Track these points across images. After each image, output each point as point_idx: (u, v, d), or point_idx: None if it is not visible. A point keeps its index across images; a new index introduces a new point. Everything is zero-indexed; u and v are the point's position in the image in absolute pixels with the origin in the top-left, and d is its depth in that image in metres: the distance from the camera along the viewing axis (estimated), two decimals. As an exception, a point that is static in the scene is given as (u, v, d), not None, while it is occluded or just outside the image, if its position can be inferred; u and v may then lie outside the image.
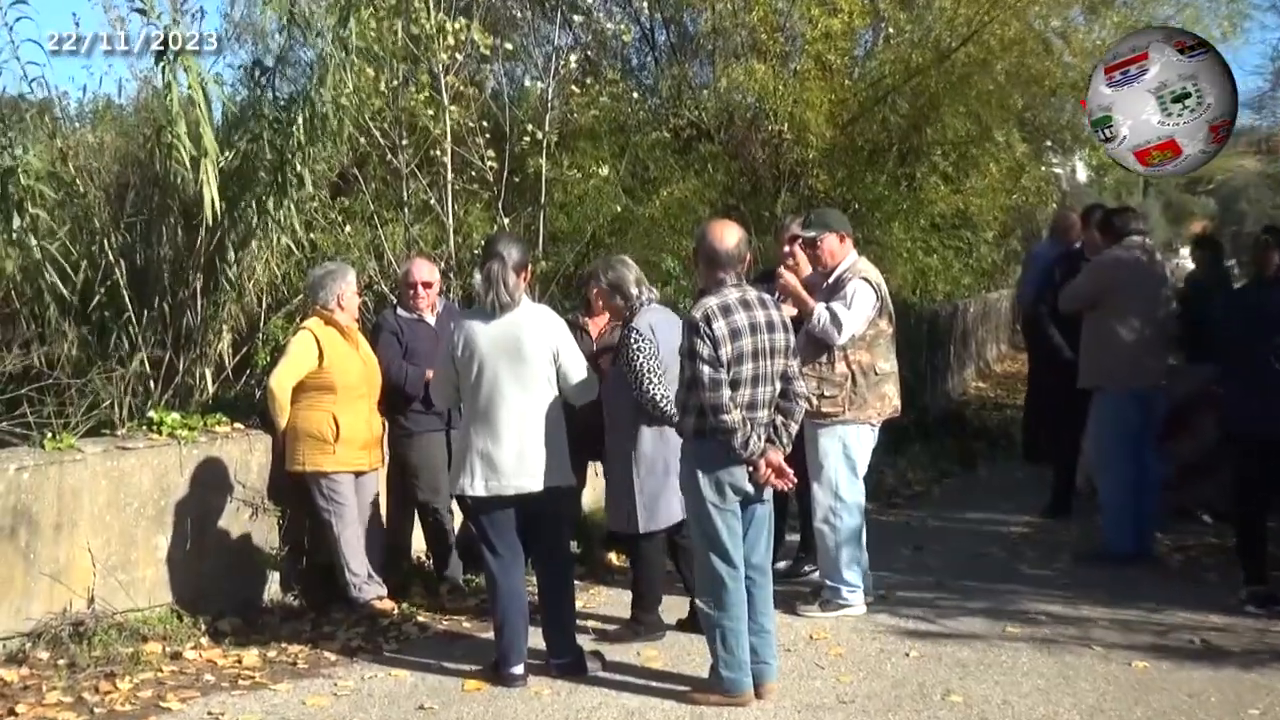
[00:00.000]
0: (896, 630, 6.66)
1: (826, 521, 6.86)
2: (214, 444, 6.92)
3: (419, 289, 7.40)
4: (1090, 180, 25.50)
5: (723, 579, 5.48)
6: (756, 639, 5.58)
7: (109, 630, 6.23)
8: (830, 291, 6.81)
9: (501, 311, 5.72)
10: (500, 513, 5.81)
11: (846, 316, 6.69)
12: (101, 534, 6.39)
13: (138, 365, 7.76)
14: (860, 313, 6.74)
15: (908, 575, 7.74)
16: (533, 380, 5.75)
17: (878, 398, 6.85)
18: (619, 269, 6.53)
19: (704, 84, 14.80)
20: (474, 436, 5.77)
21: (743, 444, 5.35)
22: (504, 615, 5.82)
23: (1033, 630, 6.63)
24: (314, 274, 7.32)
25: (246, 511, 7.01)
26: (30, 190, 7.64)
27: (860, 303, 6.74)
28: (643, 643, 6.40)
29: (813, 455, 6.85)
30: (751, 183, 14.05)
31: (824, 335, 6.71)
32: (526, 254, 6.01)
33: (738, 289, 5.47)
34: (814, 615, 6.84)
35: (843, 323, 6.68)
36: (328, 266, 7.38)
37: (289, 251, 8.69)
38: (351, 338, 7.08)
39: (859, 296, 6.73)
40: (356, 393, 6.99)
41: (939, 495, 10.59)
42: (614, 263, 6.64)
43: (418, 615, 6.96)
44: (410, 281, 7.45)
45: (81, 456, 6.34)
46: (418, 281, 7.41)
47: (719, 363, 5.31)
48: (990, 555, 8.37)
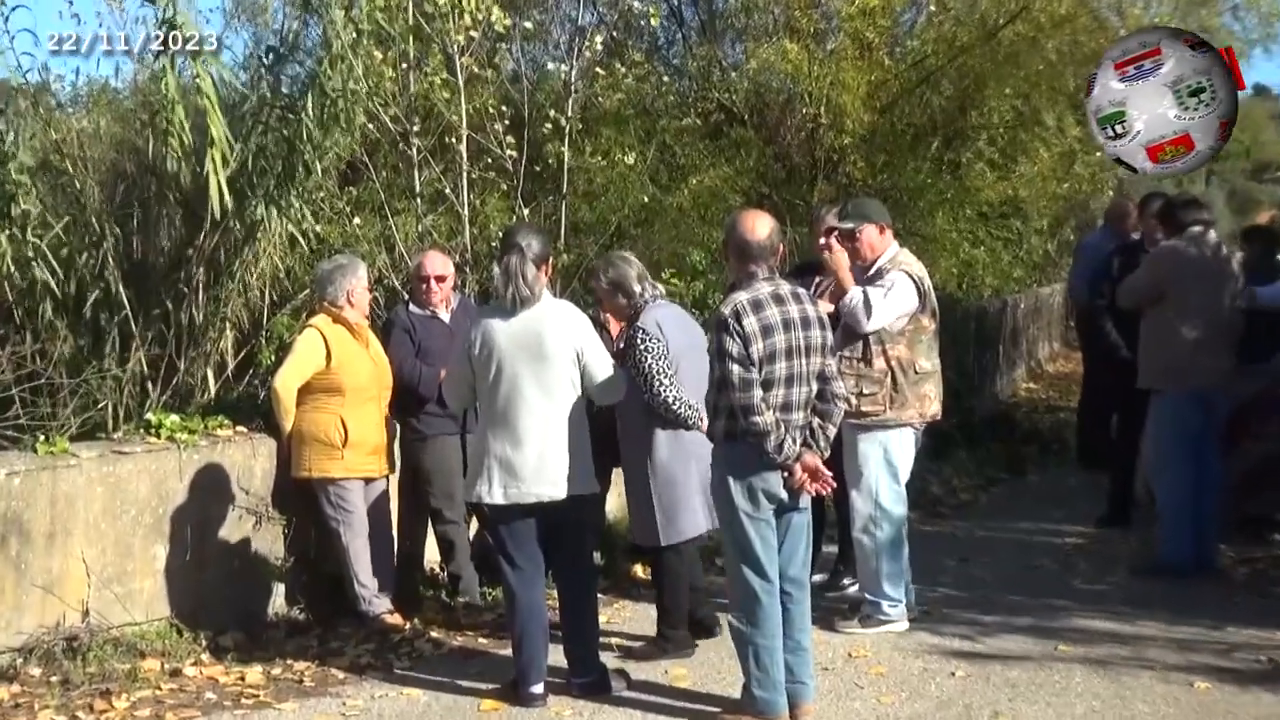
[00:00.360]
0: (941, 648, 6.63)
1: (866, 531, 6.84)
2: (215, 448, 6.94)
3: (432, 283, 7.40)
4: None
5: (756, 593, 5.46)
6: (792, 657, 5.55)
7: (104, 645, 6.24)
8: (867, 285, 6.79)
9: (521, 307, 5.70)
10: (519, 522, 5.80)
11: (879, 304, 6.66)
12: (96, 543, 6.41)
13: (135, 365, 7.79)
14: (896, 304, 6.71)
15: (953, 589, 7.72)
16: (555, 381, 5.73)
17: (919, 398, 6.82)
18: (619, 266, 6.53)
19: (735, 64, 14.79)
20: (492, 441, 5.76)
21: (776, 447, 5.32)
22: (523, 631, 5.81)
23: (1087, 649, 6.58)
24: (322, 268, 7.33)
25: (250, 520, 7.02)
26: (21, 184, 7.67)
27: (898, 294, 6.71)
28: (670, 660, 6.39)
29: (851, 460, 6.83)
30: (785, 170, 14.05)
31: (851, 319, 6.69)
32: (548, 246, 5.99)
33: (770, 283, 5.44)
34: (853, 632, 6.82)
35: (873, 309, 6.65)
36: (337, 260, 7.38)
37: (294, 244, 8.70)
38: (361, 336, 7.08)
39: (897, 288, 6.71)
40: (366, 394, 7.00)
41: (986, 504, 10.55)
42: (614, 259, 6.65)
43: (431, 630, 6.96)
44: (423, 275, 7.45)
45: (76, 461, 6.36)
46: (430, 275, 7.41)
47: (749, 361, 5.28)
48: (1041, 568, 8.33)
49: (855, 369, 6.70)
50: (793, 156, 14.06)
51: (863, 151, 13.65)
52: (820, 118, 13.36)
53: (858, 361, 6.74)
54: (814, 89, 13.12)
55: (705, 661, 6.40)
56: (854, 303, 6.69)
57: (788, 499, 5.47)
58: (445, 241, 10.20)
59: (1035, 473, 11.71)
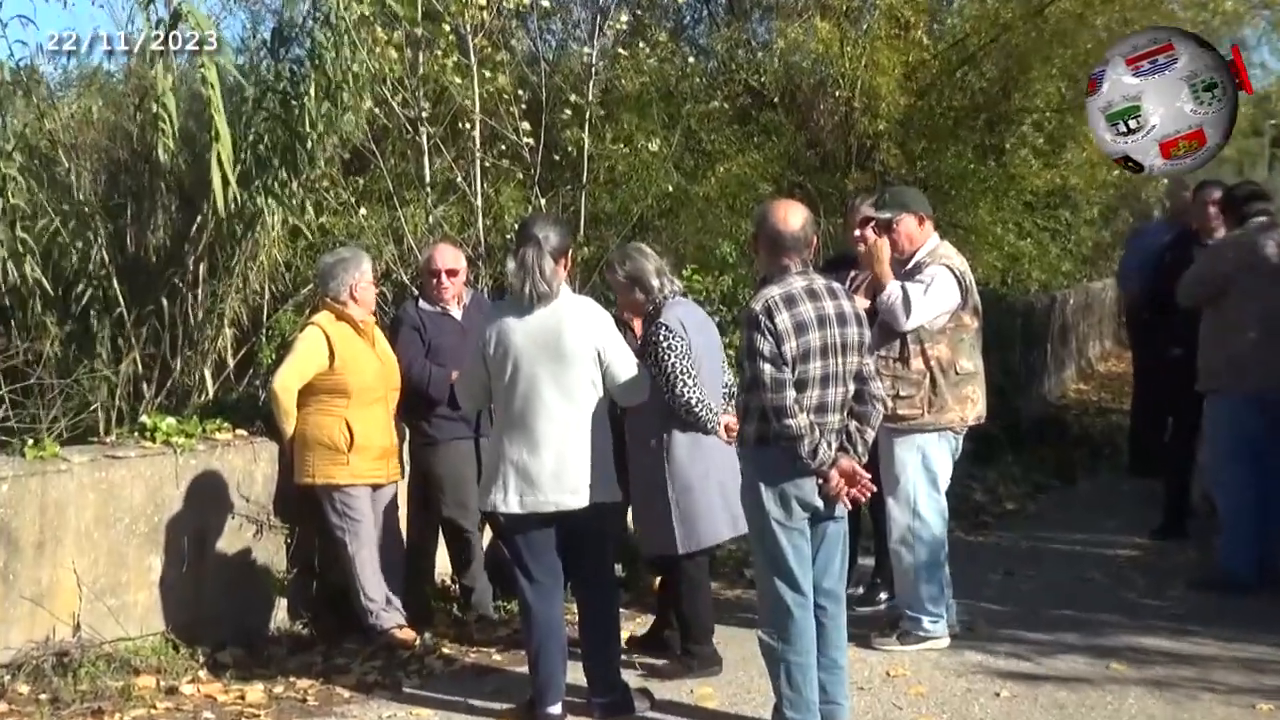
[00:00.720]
0: (985, 667, 6.60)
1: (904, 542, 6.82)
2: (214, 453, 6.95)
3: (443, 278, 7.39)
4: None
5: (788, 607, 5.43)
6: (826, 675, 5.52)
7: (96, 661, 6.25)
8: (906, 280, 6.76)
9: (538, 304, 5.67)
10: (537, 532, 5.77)
11: (919, 301, 6.63)
12: (88, 553, 6.42)
13: (129, 364, 7.81)
14: (936, 301, 6.68)
15: (997, 604, 7.69)
16: (575, 382, 5.69)
17: (959, 400, 6.80)
18: (636, 259, 6.53)
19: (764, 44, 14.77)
20: (507, 446, 5.73)
21: (810, 452, 5.29)
22: (540, 647, 5.79)
23: (1141, 669, 6.55)
24: (324, 261, 7.32)
25: (250, 529, 7.04)
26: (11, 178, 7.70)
27: (939, 290, 6.68)
28: (696, 679, 6.38)
29: (887, 466, 6.79)
30: (818, 157, 14.01)
31: (889, 316, 6.66)
32: (567, 238, 5.94)
33: (803, 277, 5.42)
34: (891, 649, 6.80)
35: (912, 306, 6.62)
36: (339, 253, 7.38)
37: (297, 236, 8.72)
38: (367, 334, 7.09)
39: (938, 284, 6.68)
40: (372, 396, 7.00)
41: (1033, 513, 10.51)
42: (630, 251, 6.65)
43: (442, 646, 6.96)
44: (433, 269, 7.44)
45: (66, 467, 6.38)
46: (441, 269, 7.40)
47: (782, 360, 5.26)
48: (1093, 582, 8.30)
49: (892, 369, 6.67)
50: (826, 142, 14.03)
51: (899, 137, 13.62)
52: (853, 101, 13.33)
53: (895, 362, 6.71)
54: (846, 71, 13.08)
55: (733, 680, 6.39)
56: (892, 299, 6.66)
57: (823, 507, 5.44)
58: (457, 233, 10.21)
59: (1086, 480, 11.66)
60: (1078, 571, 8.52)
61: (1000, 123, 14.85)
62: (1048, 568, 8.63)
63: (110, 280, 7.98)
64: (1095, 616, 7.45)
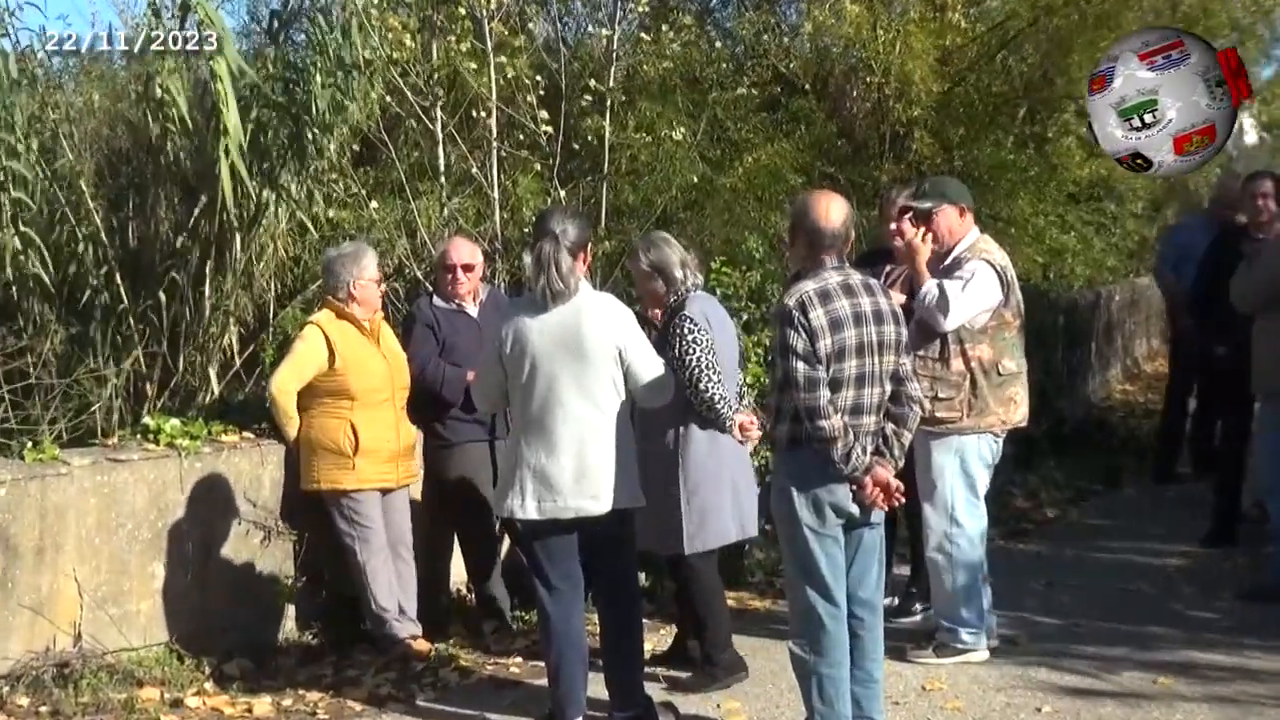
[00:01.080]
0: (1025, 681, 6.62)
1: (941, 550, 6.83)
2: (219, 456, 7.00)
3: (458, 273, 7.41)
4: (1260, 142, 25.18)
5: (820, 618, 5.42)
6: (861, 689, 5.52)
7: (98, 672, 6.30)
8: (945, 275, 6.77)
9: (555, 301, 5.65)
10: (556, 539, 5.77)
11: (957, 299, 6.63)
12: (90, 560, 6.48)
13: (131, 363, 7.84)
14: (976, 298, 6.68)
15: (1039, 615, 7.70)
16: (595, 382, 5.67)
17: (1001, 402, 6.81)
18: (662, 248, 6.55)
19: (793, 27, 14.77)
20: (525, 449, 5.72)
21: (843, 456, 5.28)
22: (559, 659, 5.81)
23: (1190, 683, 6.55)
24: (327, 255, 7.33)
25: (257, 535, 7.08)
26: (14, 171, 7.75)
27: (979, 287, 6.68)
28: (722, 690, 6.41)
29: (924, 471, 6.82)
30: (850, 146, 14.00)
31: (927, 317, 6.66)
32: (586, 231, 5.92)
33: (839, 272, 5.40)
34: (927, 661, 6.82)
35: (950, 304, 6.62)
36: (341, 248, 7.36)
37: (305, 230, 8.75)
38: (372, 332, 7.11)
39: (978, 280, 6.68)
40: (378, 396, 7.02)
41: (1077, 520, 10.50)
42: (656, 240, 6.66)
43: (458, 658, 7.00)
44: (448, 264, 7.46)
45: (67, 470, 6.43)
46: (457, 264, 7.42)
47: (816, 358, 5.24)
48: (1139, 592, 8.30)
49: (931, 370, 6.67)
50: (858, 131, 14.01)
51: (934, 125, 13.60)
52: (886, 87, 13.32)
53: (934, 362, 6.71)
54: (879, 56, 13.07)
55: (762, 694, 6.42)
56: (929, 299, 6.66)
57: (858, 513, 5.43)
58: (473, 226, 10.23)
59: (1131, 485, 11.64)
60: (1123, 581, 8.52)
61: (1041, 110, 14.82)
62: (1092, 577, 8.63)
63: (112, 276, 8.02)
64: (1142, 628, 7.46)
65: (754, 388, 9.31)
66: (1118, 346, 17.99)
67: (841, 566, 5.46)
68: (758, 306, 9.70)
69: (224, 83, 7.70)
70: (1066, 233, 15.24)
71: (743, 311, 9.58)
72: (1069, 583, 8.47)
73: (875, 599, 5.62)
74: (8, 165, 7.74)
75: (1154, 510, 10.56)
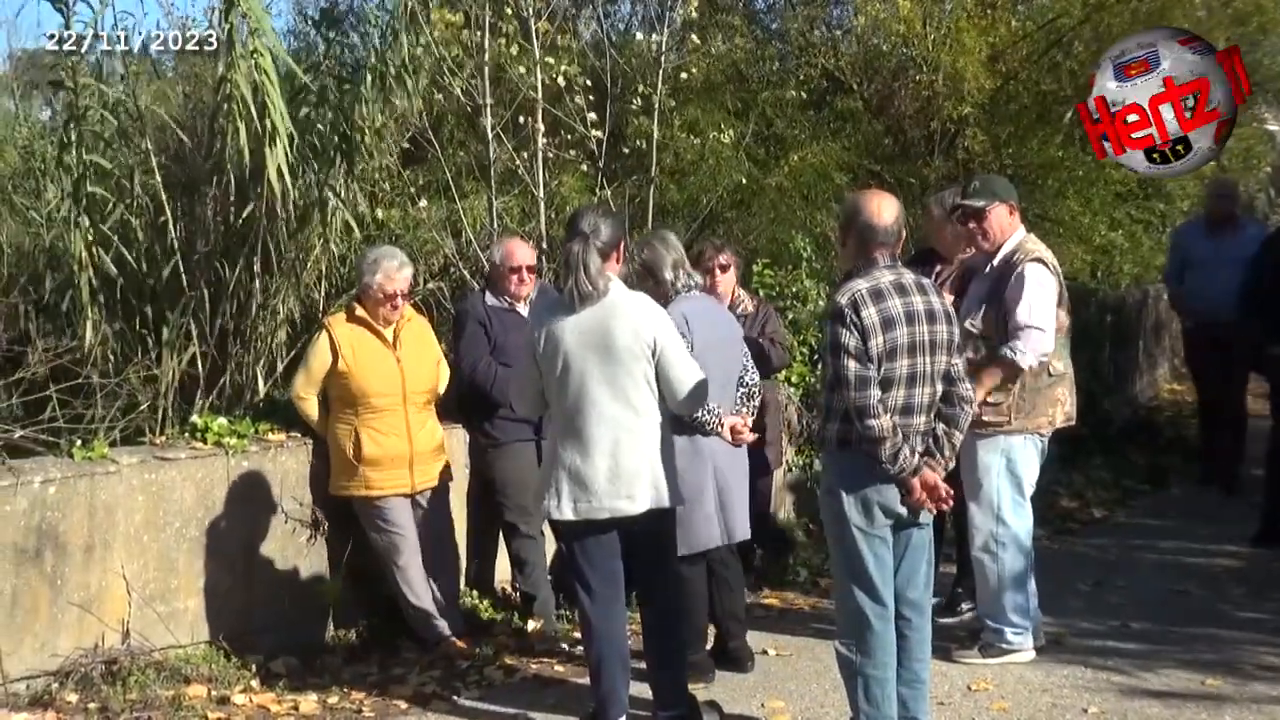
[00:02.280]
0: (1072, 681, 6.57)
1: (987, 550, 6.79)
2: (266, 455, 7.02)
3: (523, 274, 7.39)
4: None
5: (868, 619, 5.37)
6: (907, 690, 5.48)
7: (146, 670, 6.32)
8: (998, 277, 6.70)
9: (583, 303, 5.58)
10: (594, 539, 5.74)
11: (1031, 322, 6.52)
12: (138, 558, 6.51)
13: (180, 363, 7.87)
14: (1044, 303, 6.57)
15: (1085, 616, 7.64)
16: (627, 381, 5.61)
17: (1050, 403, 6.75)
18: (655, 248, 6.52)
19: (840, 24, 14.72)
20: (560, 450, 5.70)
21: (890, 456, 5.23)
22: (600, 659, 5.78)
23: (1239, 685, 6.49)
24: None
25: (304, 534, 7.10)
26: (99, 165, 7.79)
27: (1038, 292, 6.58)
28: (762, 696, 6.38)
29: (970, 470, 6.76)
30: (898, 144, 13.95)
31: (1026, 361, 6.56)
32: (619, 231, 5.85)
33: (892, 271, 5.35)
34: (972, 662, 6.77)
35: (1033, 332, 6.51)
36: (369, 251, 7.34)
37: (351, 229, 8.77)
38: (391, 336, 7.06)
39: (1032, 285, 6.58)
40: (383, 401, 6.95)
41: (1123, 520, 10.43)
42: (652, 240, 6.64)
43: (503, 657, 7.00)
44: (514, 265, 7.41)
45: (115, 468, 6.46)
46: (523, 266, 7.40)
47: (867, 357, 5.19)
48: (1187, 593, 8.23)
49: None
50: (906, 129, 13.96)
51: (984, 124, 13.53)
52: (936, 84, 13.26)
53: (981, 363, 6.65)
54: (929, 53, 13.02)
55: (806, 694, 6.39)
56: (1017, 355, 6.55)
57: (906, 514, 5.38)
58: (518, 226, 10.23)
59: (1179, 485, 11.55)
60: (1170, 582, 8.45)
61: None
62: (1139, 578, 8.56)
63: (161, 275, 8.04)
64: (1189, 629, 7.40)
65: (798, 387, 9.33)
66: (1166, 346, 17.84)
67: (889, 567, 5.41)
68: (804, 306, 9.68)
69: (270, 79, 7.71)
70: (1114, 231, 15.13)
71: (788, 311, 9.57)
72: (1116, 583, 8.41)
73: (923, 599, 5.58)
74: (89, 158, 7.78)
75: (1202, 510, 10.46)
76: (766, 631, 7.32)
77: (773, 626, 7.49)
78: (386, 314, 7.03)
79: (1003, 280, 6.66)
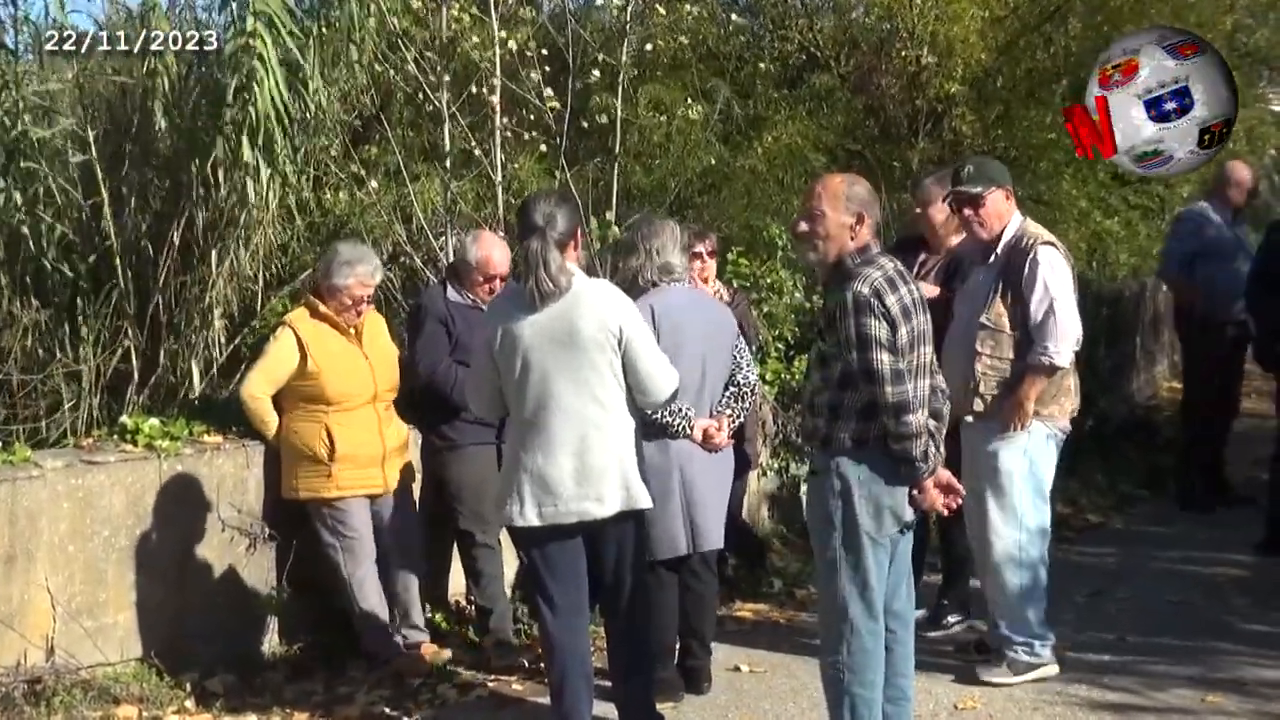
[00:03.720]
0: (1065, 698, 6.60)
1: (1010, 560, 6.75)
2: (202, 458, 7.00)
3: (497, 284, 7.31)
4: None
5: (862, 634, 5.34)
6: (892, 707, 5.50)
7: (72, 689, 6.29)
8: (1005, 265, 6.67)
9: (543, 304, 5.55)
10: (558, 546, 5.70)
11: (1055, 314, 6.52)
12: (63, 569, 6.47)
13: (108, 359, 7.82)
14: (1062, 289, 6.57)
15: (1081, 628, 7.69)
16: (592, 374, 5.58)
17: (1064, 393, 6.75)
18: (630, 237, 6.62)
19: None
20: (522, 451, 5.66)
21: (923, 454, 5.21)
22: (562, 675, 5.76)
23: (1242, 700, 6.54)
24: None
25: (242, 542, 7.08)
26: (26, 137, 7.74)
27: (1054, 278, 6.57)
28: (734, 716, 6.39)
29: (990, 476, 6.70)
30: (879, 124, 13.99)
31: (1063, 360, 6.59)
32: (575, 216, 5.79)
33: (888, 258, 5.42)
34: (1003, 682, 6.73)
35: (1059, 326, 6.53)
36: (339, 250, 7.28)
37: (294, 214, 8.73)
38: (353, 332, 7.09)
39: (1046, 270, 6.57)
40: (357, 400, 7.00)
41: (1121, 526, 10.51)
42: (640, 223, 6.72)
43: (457, 673, 7.00)
44: (489, 274, 7.34)
45: (39, 472, 6.41)
46: (498, 275, 7.34)
47: (897, 349, 5.20)
48: (1188, 604, 8.28)
49: (1000, 369, 6.61)
50: (888, 108, 14.00)
51: (973, 102, 13.58)
52: (923, 59, 13.30)
53: (1000, 361, 6.61)
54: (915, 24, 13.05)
55: (782, 713, 6.42)
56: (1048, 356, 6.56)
57: (910, 520, 5.40)
58: (474, 210, 10.21)
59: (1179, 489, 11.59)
60: (1171, 592, 8.51)
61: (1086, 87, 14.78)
62: (1138, 588, 8.62)
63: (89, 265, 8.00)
64: (1190, 642, 7.45)
65: (773, 385, 9.33)
66: (1165, 341, 17.92)
67: (886, 579, 5.42)
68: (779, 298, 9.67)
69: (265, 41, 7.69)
70: (1110, 217, 15.21)
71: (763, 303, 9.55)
72: (1114, 594, 8.47)
73: (907, 611, 5.61)
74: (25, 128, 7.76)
75: (1204, 517, 10.51)
76: (739, 646, 7.35)
77: (745, 641, 7.51)
78: (350, 317, 7.06)
79: (1011, 268, 6.65)
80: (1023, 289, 6.59)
